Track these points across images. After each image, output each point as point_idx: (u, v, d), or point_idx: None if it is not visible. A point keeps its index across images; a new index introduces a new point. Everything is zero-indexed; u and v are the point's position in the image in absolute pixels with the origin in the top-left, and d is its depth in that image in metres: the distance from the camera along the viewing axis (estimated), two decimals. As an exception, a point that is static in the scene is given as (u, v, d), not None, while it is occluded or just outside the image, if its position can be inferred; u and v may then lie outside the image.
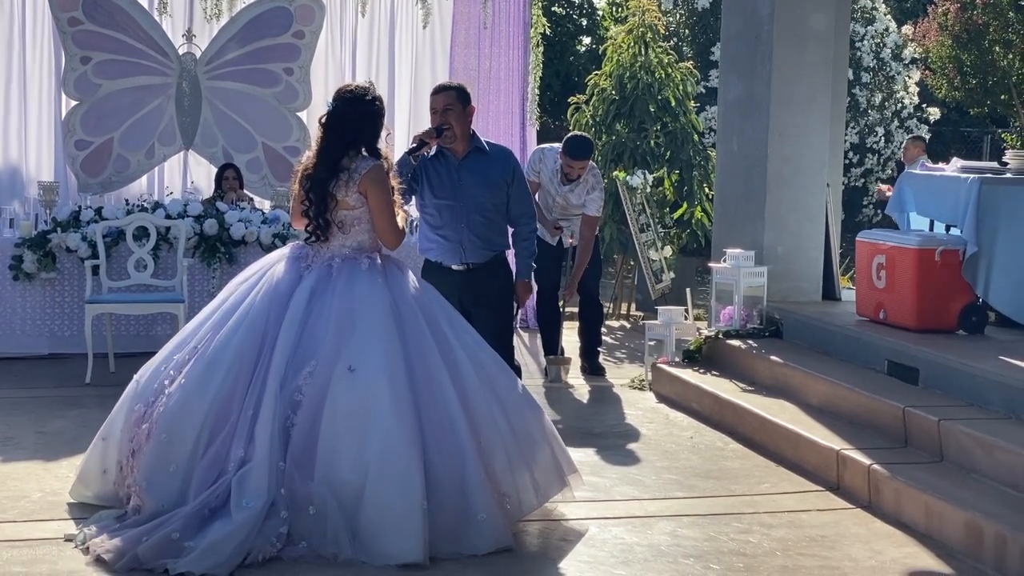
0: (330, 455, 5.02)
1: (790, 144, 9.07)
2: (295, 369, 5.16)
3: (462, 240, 6.44)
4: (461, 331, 5.56)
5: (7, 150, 11.08)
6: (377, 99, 5.56)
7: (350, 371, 5.12)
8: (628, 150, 12.14)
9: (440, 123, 6.36)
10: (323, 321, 5.25)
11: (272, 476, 4.99)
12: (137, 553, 4.80)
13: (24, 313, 9.12)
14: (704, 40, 18.29)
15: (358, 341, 5.19)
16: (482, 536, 5.10)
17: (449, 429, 5.19)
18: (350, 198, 5.43)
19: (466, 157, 6.45)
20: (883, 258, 7.96)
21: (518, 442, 5.44)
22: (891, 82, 19.22)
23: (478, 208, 6.42)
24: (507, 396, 5.51)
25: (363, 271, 5.42)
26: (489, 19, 11.20)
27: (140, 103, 11.13)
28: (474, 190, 6.41)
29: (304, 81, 11.35)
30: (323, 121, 5.51)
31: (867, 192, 19.32)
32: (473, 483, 5.13)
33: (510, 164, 6.57)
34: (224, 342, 5.27)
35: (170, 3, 11.05)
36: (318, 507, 4.96)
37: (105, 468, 5.50)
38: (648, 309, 11.74)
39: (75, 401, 7.75)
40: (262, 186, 11.27)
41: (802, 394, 7.46)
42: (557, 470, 5.62)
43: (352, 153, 5.46)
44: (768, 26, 9.05)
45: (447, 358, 5.36)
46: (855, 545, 5.44)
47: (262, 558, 4.86)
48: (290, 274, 5.43)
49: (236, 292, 5.49)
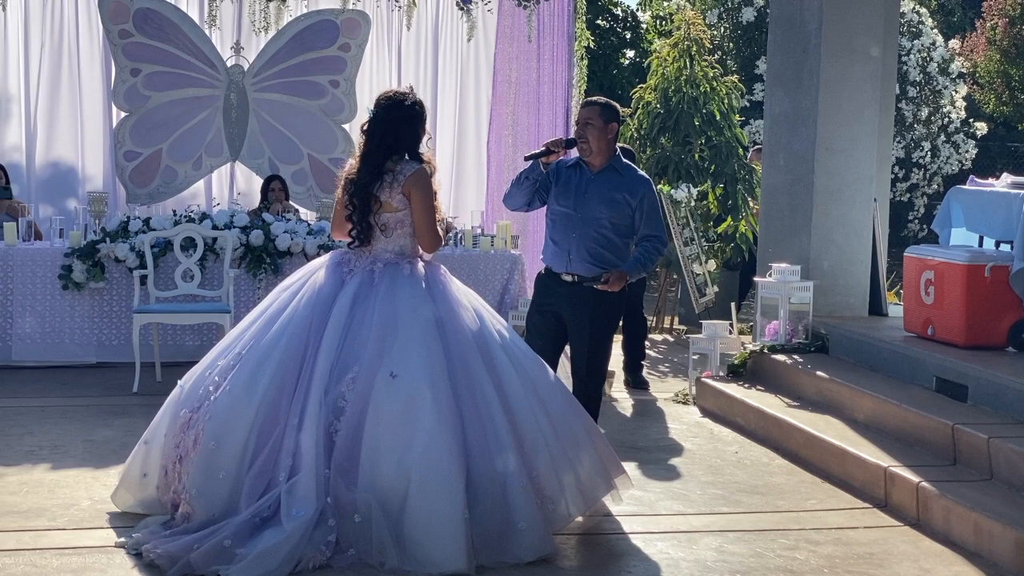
0: (373, 462, 5.04)
1: (837, 158, 9.03)
2: (338, 375, 5.19)
3: (570, 249, 6.36)
4: (503, 333, 5.57)
5: (60, 160, 11.20)
6: (417, 103, 5.60)
7: (392, 377, 5.14)
8: (672, 163, 12.12)
9: (577, 135, 6.41)
10: (365, 327, 5.28)
11: (319, 484, 5.01)
12: (190, 560, 4.84)
13: (73, 322, 9.20)
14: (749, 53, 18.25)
15: (400, 347, 5.21)
16: (524, 545, 5.11)
17: (492, 435, 5.20)
18: (394, 200, 5.47)
19: (600, 172, 6.40)
20: (931, 274, 7.90)
21: (561, 444, 5.44)
22: (938, 96, 19.09)
23: (593, 222, 6.33)
24: (550, 399, 5.51)
25: (405, 276, 5.45)
26: (533, 32, 11.21)
27: (188, 115, 11.23)
28: (594, 203, 6.33)
29: (350, 93, 11.41)
30: (365, 128, 5.58)
31: (913, 207, 19.20)
32: (515, 491, 5.14)
33: (640, 190, 6.40)
34: (268, 348, 5.30)
35: (219, 16, 11.14)
36: (363, 514, 4.98)
37: (145, 472, 5.53)
38: (691, 323, 11.71)
39: (122, 410, 7.81)
40: (307, 197, 11.33)
41: (848, 410, 7.41)
42: (603, 473, 5.62)
43: (395, 157, 5.51)
44: (816, 40, 9.01)
45: (489, 362, 5.37)
46: (904, 563, 5.39)
47: (312, 566, 4.89)
48: (332, 280, 5.47)
49: (279, 299, 5.52)
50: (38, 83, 11.13)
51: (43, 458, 6.56)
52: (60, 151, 11.22)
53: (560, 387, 5.69)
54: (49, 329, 9.16)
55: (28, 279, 9.10)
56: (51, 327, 9.16)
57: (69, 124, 11.21)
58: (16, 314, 9.09)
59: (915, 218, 19.23)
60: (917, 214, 19.28)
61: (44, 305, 9.13)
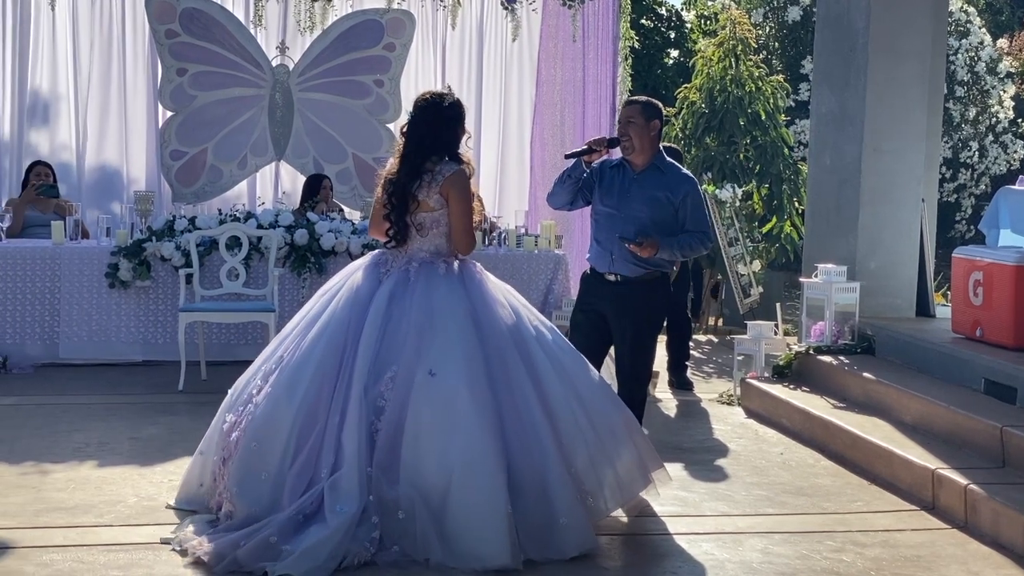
0: (414, 459, 5.06)
1: (885, 158, 8.95)
2: (377, 374, 5.21)
3: (612, 249, 6.34)
4: (540, 329, 5.57)
5: (108, 159, 11.31)
6: (456, 104, 5.63)
7: (431, 375, 5.16)
8: (717, 163, 12.08)
9: (620, 134, 6.39)
10: (403, 326, 5.30)
11: (362, 481, 5.04)
12: (236, 556, 4.87)
13: (119, 320, 9.27)
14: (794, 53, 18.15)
15: (438, 345, 5.23)
16: (566, 540, 5.11)
17: (531, 431, 5.21)
18: (431, 200, 5.50)
19: (642, 172, 6.37)
20: (980, 275, 7.82)
21: (600, 438, 5.44)
22: (985, 96, 18.92)
23: (636, 221, 6.29)
24: (587, 393, 5.51)
25: (440, 275, 5.48)
26: (578, 32, 11.19)
27: (234, 114, 11.29)
28: (636, 203, 6.31)
29: (394, 93, 11.43)
30: (404, 129, 5.62)
31: (960, 207, 19.03)
32: (555, 485, 5.15)
33: (683, 188, 6.36)
34: (308, 350, 5.34)
35: (265, 16, 11.19)
36: (406, 511, 5.00)
37: (202, 482, 5.61)
38: (735, 323, 11.65)
39: (168, 408, 7.86)
40: (352, 197, 11.36)
41: (895, 412, 7.35)
42: (641, 467, 5.62)
43: (435, 157, 5.53)
44: (863, 39, 8.94)
45: (526, 358, 5.38)
46: (952, 566, 5.34)
47: (356, 562, 4.90)
48: (369, 280, 5.50)
49: (319, 302, 5.57)
50: (88, 83, 11.23)
51: (90, 455, 6.61)
52: (108, 152, 11.32)
53: (599, 382, 5.69)
54: (96, 327, 9.23)
55: (75, 278, 9.17)
56: (98, 325, 9.23)
57: (116, 124, 11.30)
58: (63, 312, 9.17)
59: (962, 219, 19.06)
60: (964, 215, 19.11)
61: (91, 303, 9.20)
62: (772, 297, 11.52)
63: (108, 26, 11.22)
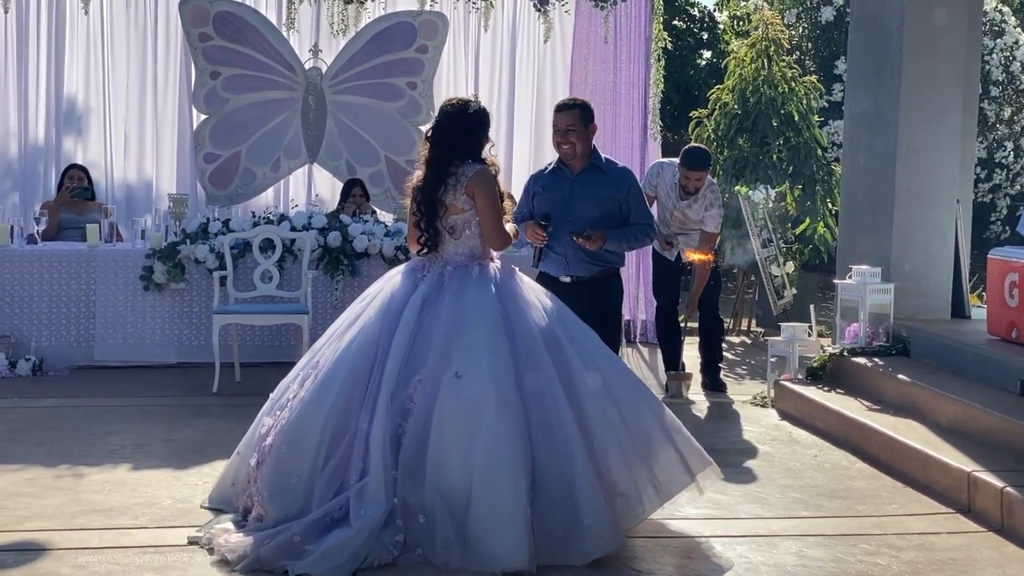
0: (438, 461, 5.06)
1: (919, 159, 8.90)
2: (406, 378, 5.23)
3: (566, 253, 6.57)
4: (573, 331, 5.56)
5: (142, 163, 11.39)
6: (480, 111, 5.67)
7: (457, 378, 5.16)
8: (750, 165, 12.04)
9: (559, 142, 6.61)
10: (433, 330, 5.32)
11: (387, 485, 5.05)
12: (259, 554, 4.92)
13: (154, 323, 9.32)
14: (827, 53, 18.04)
15: (466, 348, 5.24)
16: (589, 540, 5.09)
17: (558, 432, 5.19)
18: (459, 201, 5.52)
19: (582, 172, 6.62)
20: (1016, 276, 7.76)
21: (633, 439, 5.42)
22: (1020, 96, 18.76)
23: (585, 221, 6.53)
24: (621, 393, 5.49)
25: (473, 278, 5.49)
26: (610, 34, 11.17)
27: (267, 117, 11.34)
28: (584, 204, 6.53)
29: (427, 95, 11.45)
30: (428, 135, 5.66)
31: (995, 208, 18.89)
32: (581, 487, 5.13)
33: (625, 182, 6.66)
34: (341, 356, 5.37)
35: (297, 19, 11.23)
36: (428, 515, 5.01)
37: (234, 481, 5.65)
38: (768, 325, 11.61)
39: (202, 410, 7.90)
40: (385, 199, 11.39)
41: (931, 414, 7.30)
42: (681, 466, 5.56)
43: (458, 162, 5.55)
44: (897, 39, 8.90)
45: (557, 360, 5.36)
46: (988, 569, 5.30)
47: (377, 563, 4.93)
48: (405, 286, 5.53)
49: (356, 308, 5.61)
50: (126, 86, 11.29)
51: (125, 457, 6.66)
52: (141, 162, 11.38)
53: (633, 381, 5.68)
54: (131, 329, 9.29)
55: (110, 280, 9.24)
56: (132, 327, 9.29)
57: (150, 128, 11.36)
58: (98, 314, 9.24)
59: (997, 219, 18.91)
60: (999, 215, 18.96)
61: (126, 306, 9.27)
62: (805, 299, 11.45)
63: (142, 30, 11.30)
